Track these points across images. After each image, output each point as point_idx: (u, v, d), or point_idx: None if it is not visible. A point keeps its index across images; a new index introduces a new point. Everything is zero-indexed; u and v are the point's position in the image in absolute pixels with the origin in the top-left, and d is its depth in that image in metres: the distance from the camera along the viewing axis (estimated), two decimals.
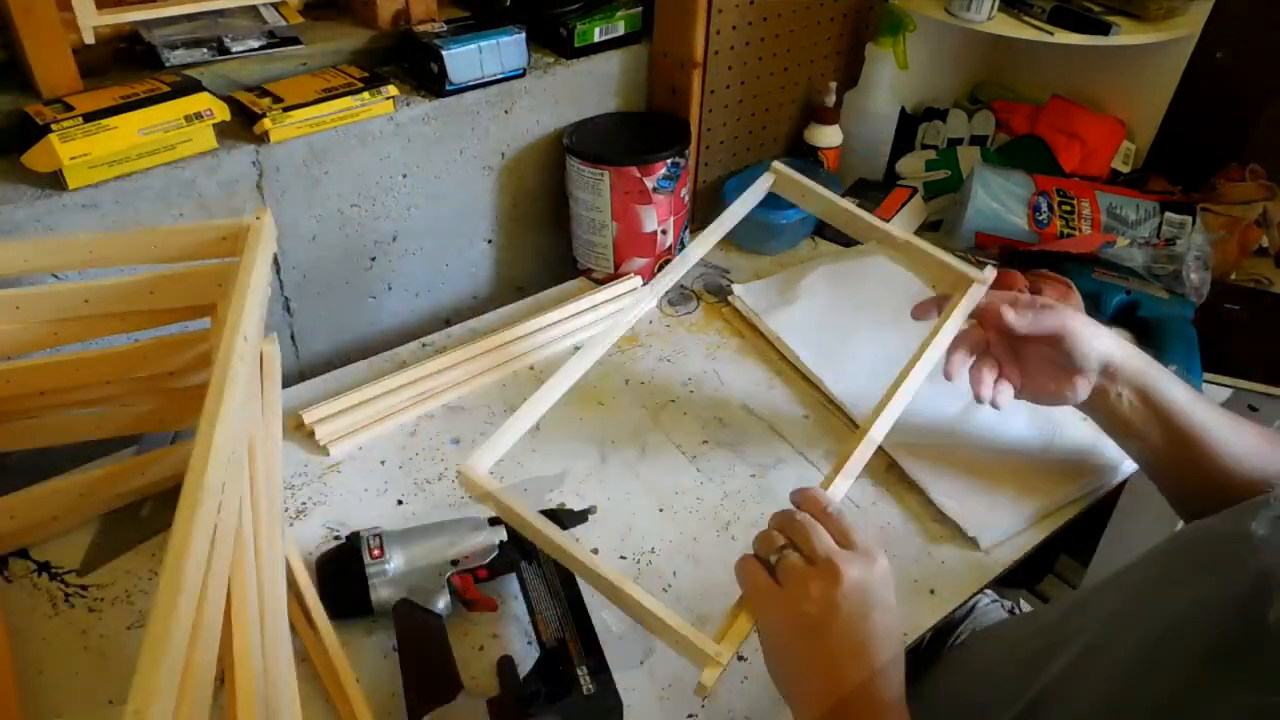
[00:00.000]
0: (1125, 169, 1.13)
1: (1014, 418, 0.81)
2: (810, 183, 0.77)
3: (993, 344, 0.70)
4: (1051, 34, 1.00)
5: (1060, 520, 0.74)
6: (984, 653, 0.69)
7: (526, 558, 0.64)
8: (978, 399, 0.67)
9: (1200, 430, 0.63)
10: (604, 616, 0.65)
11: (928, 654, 0.78)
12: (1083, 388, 0.66)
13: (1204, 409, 0.64)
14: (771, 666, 0.52)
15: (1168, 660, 0.44)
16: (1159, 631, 0.46)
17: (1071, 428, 0.80)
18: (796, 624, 0.50)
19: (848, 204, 0.77)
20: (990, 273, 0.74)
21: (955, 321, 0.70)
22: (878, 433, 0.63)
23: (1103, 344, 0.65)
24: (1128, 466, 0.76)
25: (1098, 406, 0.68)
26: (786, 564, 0.52)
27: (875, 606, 0.49)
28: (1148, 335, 0.91)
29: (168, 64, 0.80)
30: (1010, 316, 0.66)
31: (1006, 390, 0.68)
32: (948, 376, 0.68)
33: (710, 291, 1.00)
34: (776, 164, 0.77)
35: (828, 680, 0.49)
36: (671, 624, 0.53)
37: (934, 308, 0.72)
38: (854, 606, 0.49)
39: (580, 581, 0.63)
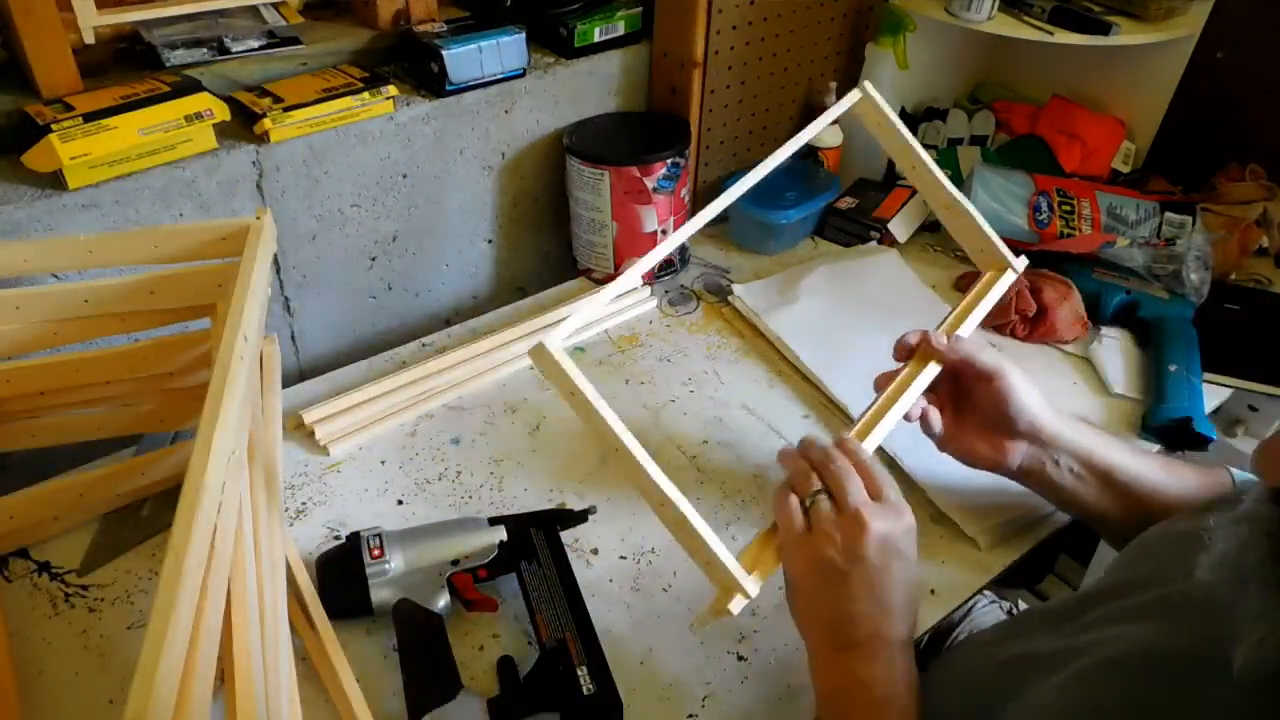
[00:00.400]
0: (1125, 169, 1.13)
1: None
2: (895, 117, 0.73)
3: (942, 382, 0.68)
4: (1051, 34, 1.00)
5: (1060, 521, 0.74)
6: (968, 658, 0.69)
7: (527, 557, 0.64)
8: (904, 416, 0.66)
9: (1136, 480, 0.63)
10: (604, 617, 0.65)
11: (927, 654, 0.78)
12: (1014, 453, 0.65)
13: (1132, 457, 0.64)
14: (791, 602, 0.57)
15: (1119, 682, 0.44)
16: (1114, 653, 0.46)
17: None
18: (820, 569, 0.53)
19: (921, 151, 0.73)
20: (1024, 262, 0.74)
21: (987, 303, 0.70)
22: (915, 389, 0.64)
23: (1035, 407, 0.63)
24: None
25: (1038, 479, 0.66)
26: (818, 511, 0.55)
27: (896, 557, 0.53)
28: (1148, 335, 0.91)
29: (168, 64, 0.80)
30: (939, 339, 0.65)
31: (933, 415, 0.66)
32: (875, 387, 0.68)
33: (710, 291, 1.00)
34: (867, 83, 0.72)
35: (843, 622, 0.53)
36: (712, 547, 0.55)
37: (906, 355, 0.69)
38: (875, 558, 0.52)
39: (580, 583, 0.63)
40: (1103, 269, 0.96)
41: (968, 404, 0.67)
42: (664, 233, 0.97)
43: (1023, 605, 0.84)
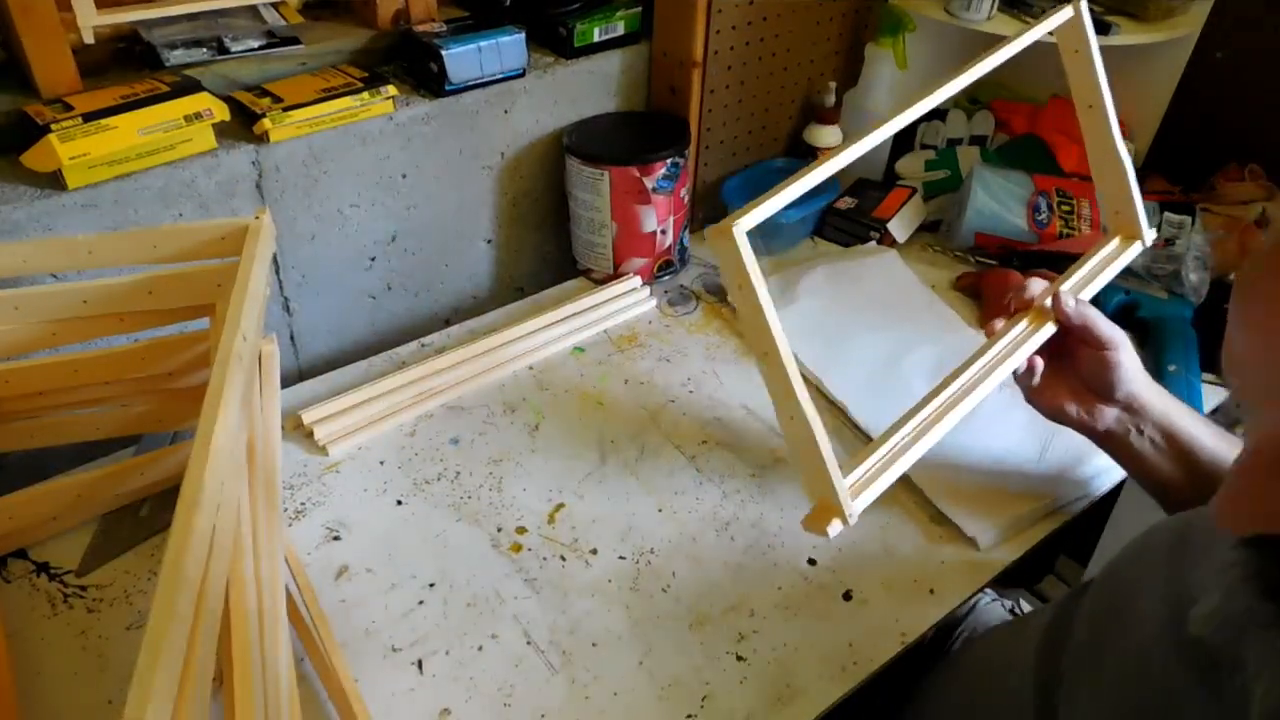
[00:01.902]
0: None
1: (1013, 417, 0.81)
2: (1096, 48, 0.69)
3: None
4: (1051, 34, 1.00)
5: (1060, 520, 0.74)
6: (989, 653, 0.69)
7: None
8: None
9: (1213, 460, 0.63)
10: (604, 617, 0.65)
11: (929, 653, 0.78)
12: (1105, 417, 0.64)
13: (1213, 437, 0.63)
14: None
15: (1155, 666, 0.44)
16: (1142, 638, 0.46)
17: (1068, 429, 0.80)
18: None
19: (1107, 94, 0.70)
20: (1154, 234, 0.72)
21: (1111, 271, 0.69)
22: (1029, 346, 0.63)
23: (1139, 379, 0.64)
24: None
25: (1119, 444, 0.66)
26: None
27: None
28: (1147, 335, 0.91)
29: (167, 64, 0.80)
30: (1068, 301, 0.64)
31: (1038, 364, 0.65)
32: (987, 331, 0.66)
33: (710, 291, 1.00)
34: (1083, 3, 0.67)
35: None
36: (830, 470, 0.52)
37: (1025, 306, 0.67)
38: None
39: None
40: None
41: (1068, 362, 0.66)
42: (663, 233, 0.97)
43: (1023, 605, 0.84)
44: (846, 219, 1.08)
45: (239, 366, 0.54)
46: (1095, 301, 0.92)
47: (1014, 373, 0.64)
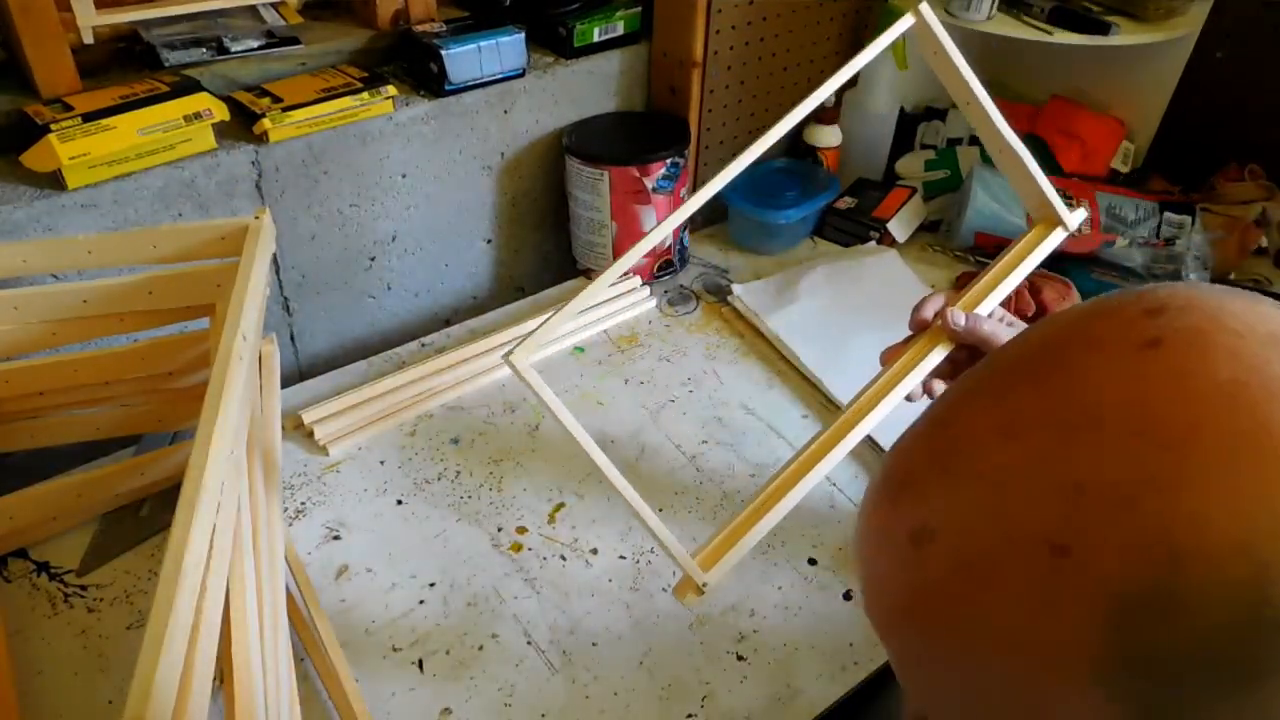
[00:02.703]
0: (1125, 169, 1.13)
1: None
2: (951, 46, 0.65)
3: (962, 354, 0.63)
4: (1051, 34, 1.00)
5: None
6: None
7: None
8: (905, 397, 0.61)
9: None
10: (604, 617, 0.65)
11: None
12: None
13: None
14: None
15: None
16: None
17: None
18: None
19: (977, 86, 0.66)
20: (1080, 216, 0.66)
21: (1025, 267, 0.64)
22: (920, 370, 0.59)
23: None
24: None
25: None
26: None
27: None
28: None
29: (167, 64, 0.80)
30: (956, 319, 0.60)
31: (938, 388, 0.61)
32: (881, 360, 0.63)
33: (710, 291, 1.00)
34: (924, 5, 0.65)
35: None
36: (671, 549, 0.52)
37: (900, 354, 0.63)
38: None
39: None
40: (1102, 269, 0.96)
41: None
42: None
43: None
44: (846, 219, 1.08)
45: (239, 366, 0.54)
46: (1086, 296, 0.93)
47: (908, 398, 0.60)
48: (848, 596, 0.67)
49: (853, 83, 1.13)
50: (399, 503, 0.74)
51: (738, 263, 1.05)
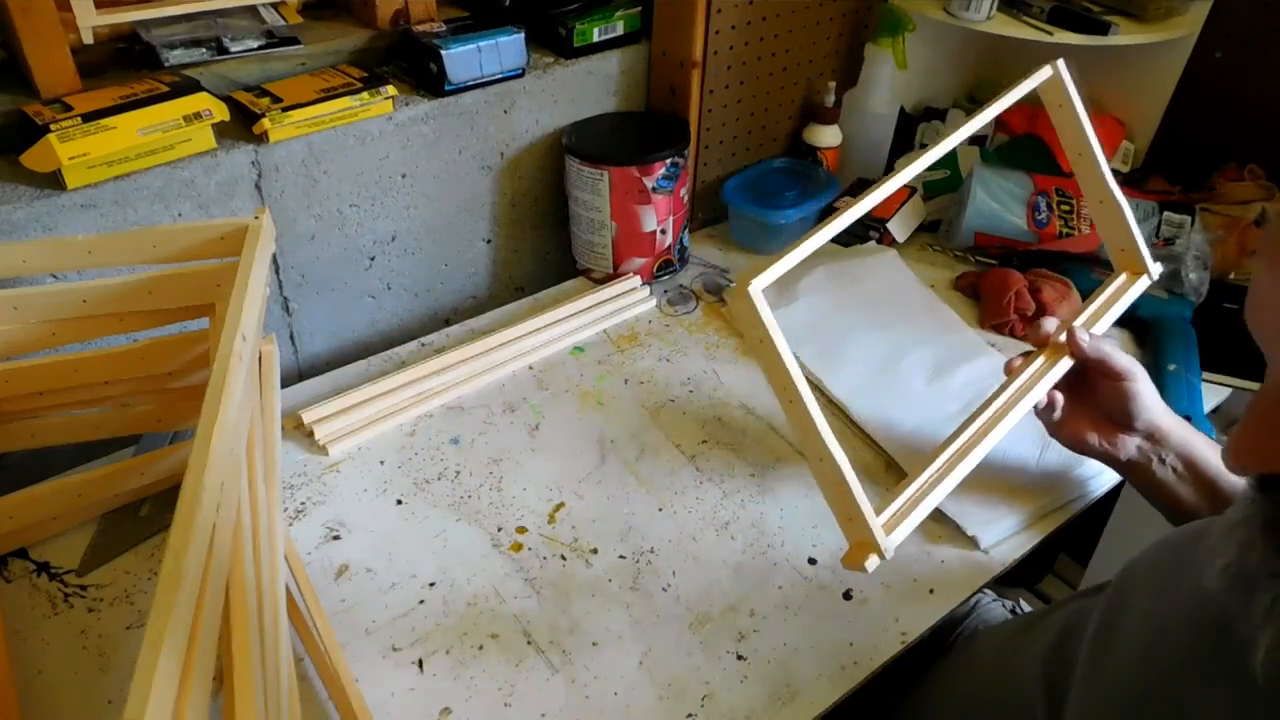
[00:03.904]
0: (1124, 169, 1.14)
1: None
2: (1079, 102, 0.71)
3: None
4: (1051, 34, 1.00)
5: (1060, 520, 0.74)
6: (994, 651, 0.69)
7: None
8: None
9: (1235, 492, 0.63)
10: (604, 617, 0.65)
11: (928, 652, 0.78)
12: (1126, 446, 0.65)
13: None
14: None
15: (1161, 660, 0.44)
16: (1149, 634, 0.46)
17: None
18: None
19: (1094, 139, 0.72)
20: (1159, 269, 0.76)
21: (1120, 306, 0.73)
22: (1047, 382, 0.66)
23: (1158, 409, 0.65)
24: None
25: (1141, 473, 0.66)
26: None
27: None
28: (1146, 335, 0.91)
29: (167, 64, 0.80)
30: (1082, 337, 0.66)
31: (1059, 399, 0.67)
32: (1006, 369, 0.68)
33: (710, 291, 1.00)
34: (1060, 62, 0.71)
35: None
36: (862, 508, 0.56)
37: (1042, 343, 0.69)
38: None
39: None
40: (1102, 269, 0.96)
41: (1088, 395, 0.67)
42: (663, 232, 0.97)
43: (1023, 605, 0.84)
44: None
45: (239, 366, 0.54)
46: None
47: (1035, 407, 0.66)
48: (848, 596, 0.67)
49: (853, 82, 1.13)
50: (399, 503, 0.74)
51: (738, 263, 1.05)
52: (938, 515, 0.73)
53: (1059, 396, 0.67)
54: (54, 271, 0.69)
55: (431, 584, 0.67)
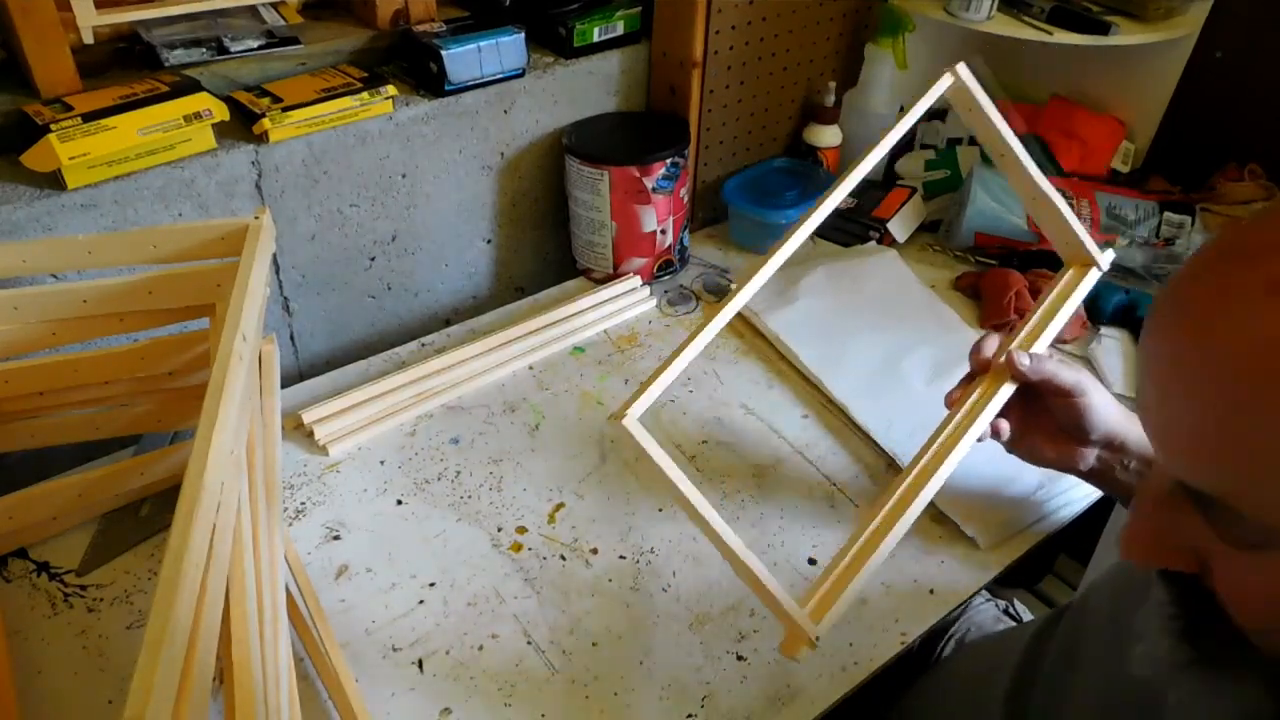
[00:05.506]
0: (1125, 169, 1.13)
1: None
2: (987, 102, 0.69)
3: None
4: (1051, 34, 1.00)
5: (1060, 520, 0.74)
6: (971, 666, 0.69)
7: None
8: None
9: None
10: (604, 617, 0.65)
11: (922, 653, 0.78)
12: (1085, 458, 0.64)
13: None
14: None
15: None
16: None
17: None
18: None
19: (1012, 138, 0.70)
20: (1110, 256, 0.71)
21: (1070, 305, 0.69)
22: (990, 411, 0.63)
23: (1113, 418, 0.63)
24: None
25: (1105, 480, 0.66)
26: None
27: None
28: None
29: (167, 64, 0.80)
30: (1021, 360, 0.63)
31: (1003, 426, 0.65)
32: (947, 402, 0.67)
33: (710, 291, 1.00)
34: (961, 66, 0.68)
35: None
36: (779, 598, 0.54)
37: (966, 396, 0.67)
38: None
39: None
40: None
41: (1040, 411, 0.66)
42: (663, 232, 0.97)
43: (1018, 605, 0.84)
44: (846, 219, 1.08)
45: (239, 366, 0.54)
46: (1095, 304, 0.93)
47: (979, 439, 0.64)
48: None
49: (853, 82, 1.13)
50: (399, 503, 0.74)
51: (737, 262, 1.05)
52: (937, 515, 0.73)
53: (1004, 425, 0.65)
54: (54, 271, 0.69)
55: (431, 584, 0.67)
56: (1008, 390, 0.64)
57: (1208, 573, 0.35)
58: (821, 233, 1.10)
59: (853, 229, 1.08)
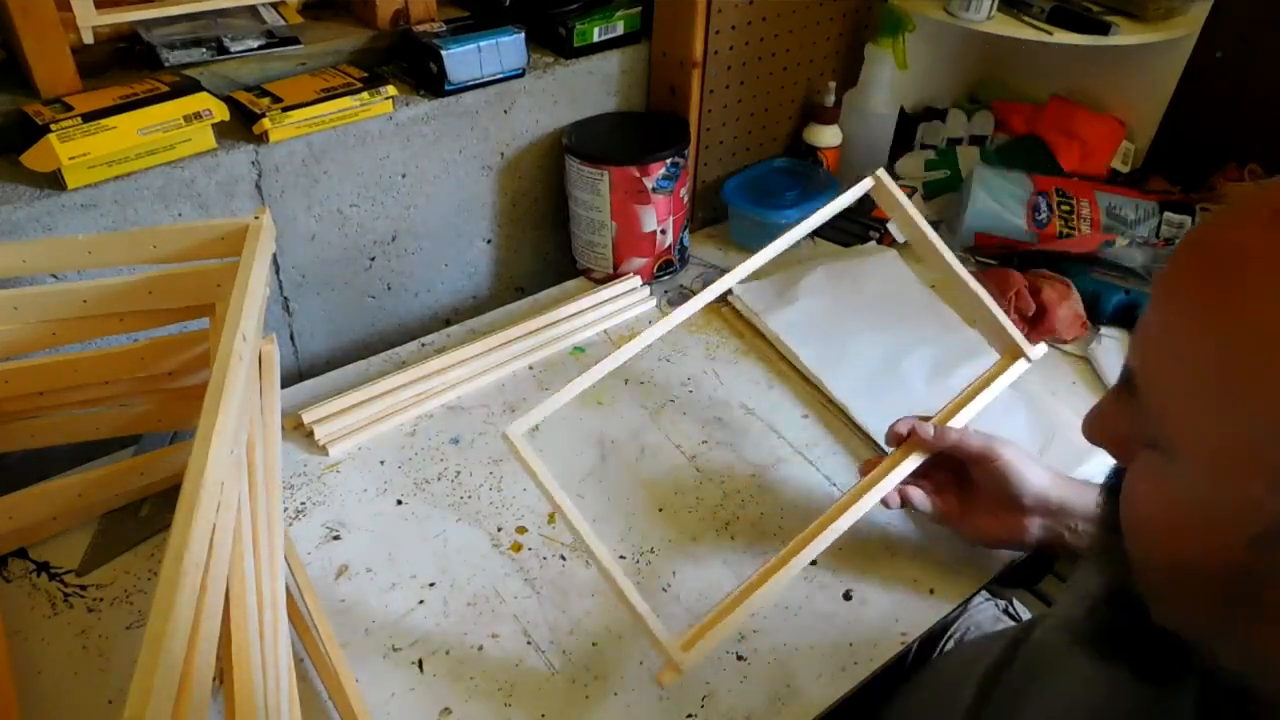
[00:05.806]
0: (1124, 169, 1.13)
1: (1012, 418, 0.81)
2: (907, 202, 0.74)
3: (941, 470, 0.68)
4: (1051, 34, 1.00)
5: None
6: (949, 671, 0.69)
7: None
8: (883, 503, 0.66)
9: None
10: (604, 617, 0.65)
11: (921, 652, 0.78)
12: (1029, 528, 0.64)
13: None
14: None
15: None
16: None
17: (1069, 429, 0.80)
18: None
19: (935, 238, 0.75)
20: (1041, 350, 0.74)
21: (990, 392, 0.71)
22: (894, 476, 0.66)
23: (1036, 479, 0.63)
24: None
25: (1056, 546, 0.65)
26: None
27: None
28: None
29: (167, 64, 0.80)
30: (925, 430, 0.65)
31: (914, 494, 0.67)
32: (861, 471, 0.69)
33: None
34: (880, 171, 0.75)
35: None
36: (651, 626, 0.57)
37: (898, 442, 0.69)
38: None
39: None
40: (1102, 269, 0.96)
41: (971, 486, 0.67)
42: (663, 232, 0.97)
43: (1017, 604, 0.84)
44: (846, 219, 1.07)
45: (239, 366, 0.54)
46: (1095, 304, 0.93)
47: (884, 503, 0.66)
48: (848, 596, 0.67)
49: (853, 82, 1.13)
50: (399, 503, 0.74)
51: (737, 263, 1.04)
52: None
53: (914, 494, 0.66)
54: (54, 271, 0.69)
55: (431, 584, 0.67)
56: (916, 459, 0.67)
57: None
58: (821, 233, 1.10)
59: (853, 229, 1.08)
